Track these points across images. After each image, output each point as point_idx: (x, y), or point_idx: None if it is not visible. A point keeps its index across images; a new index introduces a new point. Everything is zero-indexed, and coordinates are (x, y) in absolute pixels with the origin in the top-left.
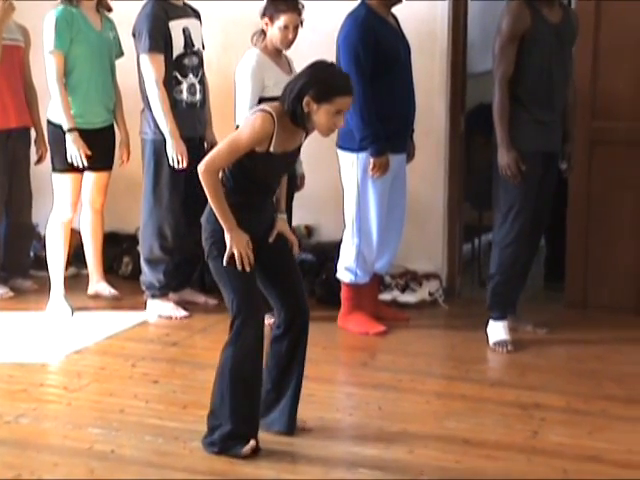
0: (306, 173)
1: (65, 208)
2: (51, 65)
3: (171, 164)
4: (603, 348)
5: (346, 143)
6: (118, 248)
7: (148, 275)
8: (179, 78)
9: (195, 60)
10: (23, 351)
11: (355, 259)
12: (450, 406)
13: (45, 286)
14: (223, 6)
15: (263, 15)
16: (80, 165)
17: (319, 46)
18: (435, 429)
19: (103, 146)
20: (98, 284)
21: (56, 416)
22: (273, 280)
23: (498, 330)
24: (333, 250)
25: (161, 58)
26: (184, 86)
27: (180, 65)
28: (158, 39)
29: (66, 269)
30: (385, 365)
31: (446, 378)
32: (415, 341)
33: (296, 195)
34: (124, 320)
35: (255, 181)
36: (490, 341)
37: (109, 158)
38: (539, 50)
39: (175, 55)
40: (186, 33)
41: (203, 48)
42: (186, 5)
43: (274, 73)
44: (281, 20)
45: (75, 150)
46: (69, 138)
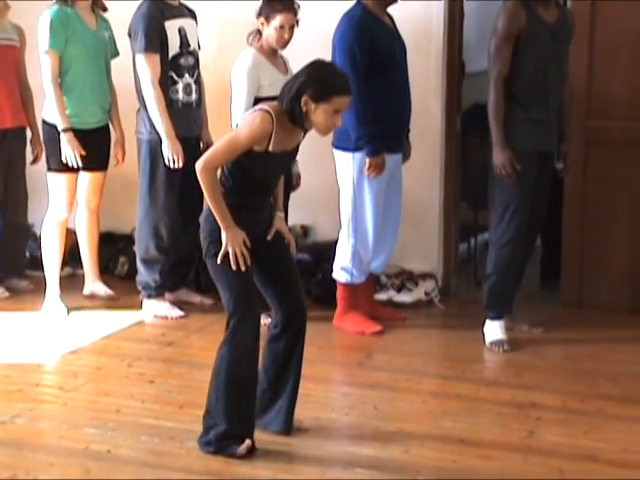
0: (302, 173)
1: (60, 208)
2: (46, 65)
3: (167, 164)
4: (599, 347)
5: (342, 143)
6: (114, 248)
7: (144, 275)
8: (175, 78)
9: (191, 60)
10: (19, 351)
11: (351, 259)
12: (446, 406)
13: (41, 286)
14: (219, 6)
15: (259, 15)
16: (75, 165)
17: (315, 46)
18: (431, 429)
19: (98, 146)
20: (94, 284)
21: (52, 416)
22: (271, 279)
23: (494, 330)
24: (329, 250)
25: (157, 58)
26: (180, 86)
27: (176, 65)
28: (154, 39)
29: (62, 269)
30: (381, 365)
31: (442, 378)
32: (411, 341)
33: (292, 195)
34: (120, 320)
35: (254, 181)
36: (486, 340)
37: (104, 158)
38: (535, 50)
39: (171, 55)
40: (182, 33)
41: (199, 48)
42: (182, 5)
43: (270, 73)
44: (277, 20)
45: (70, 150)
46: (64, 138)
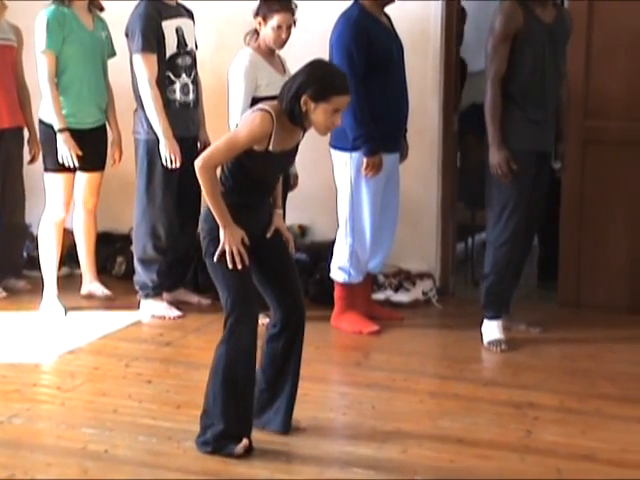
0: (299, 173)
1: (57, 208)
2: (43, 65)
3: (164, 164)
4: (596, 347)
5: (339, 143)
6: (111, 248)
7: (141, 275)
8: (172, 78)
9: (188, 60)
10: (16, 351)
11: (348, 259)
12: (444, 405)
13: (38, 286)
14: (216, 6)
15: (256, 15)
16: (71, 165)
17: (312, 46)
18: (429, 428)
19: (95, 146)
20: (91, 284)
21: (49, 416)
22: (270, 279)
23: (492, 329)
24: (327, 250)
25: (154, 58)
26: (177, 86)
27: (173, 65)
28: (151, 39)
29: (59, 269)
30: (379, 364)
31: (440, 377)
32: (409, 340)
33: (289, 195)
34: (117, 320)
35: (254, 180)
36: (484, 340)
37: (101, 158)
38: (532, 49)
39: (168, 55)
40: (179, 33)
41: (196, 48)
42: (179, 5)
43: (267, 73)
44: (274, 20)
45: (66, 150)
46: (60, 138)
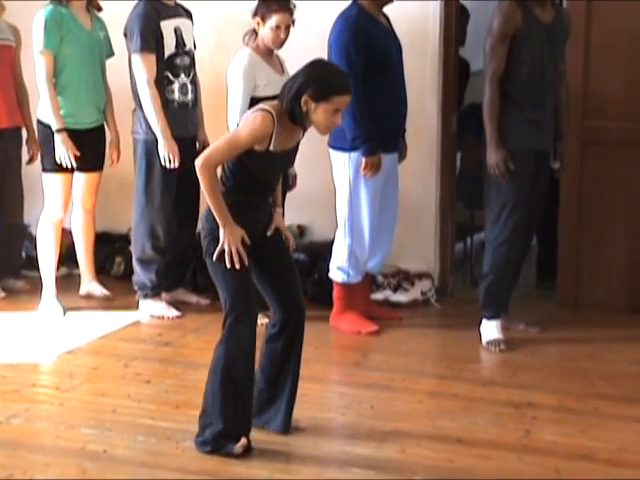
0: (298, 173)
1: (56, 208)
2: (40, 65)
3: (163, 164)
4: (595, 347)
5: (338, 143)
6: (110, 248)
7: (140, 275)
8: (171, 78)
9: (187, 60)
10: (15, 351)
11: (347, 259)
12: (443, 405)
13: (37, 286)
14: (215, 6)
15: (255, 15)
16: (69, 166)
17: (311, 46)
18: (428, 428)
19: (93, 147)
20: (90, 284)
21: (48, 416)
22: (270, 278)
23: (491, 329)
24: (325, 250)
25: (153, 58)
26: (176, 86)
27: (172, 65)
28: (149, 39)
29: (58, 269)
30: (377, 364)
31: (439, 377)
32: (407, 340)
33: (288, 195)
34: (116, 320)
35: (255, 180)
36: (483, 340)
37: (99, 159)
38: (530, 49)
39: (167, 55)
40: (177, 33)
41: (195, 48)
42: (178, 5)
43: (266, 73)
44: (273, 20)
45: (64, 151)
46: (58, 139)
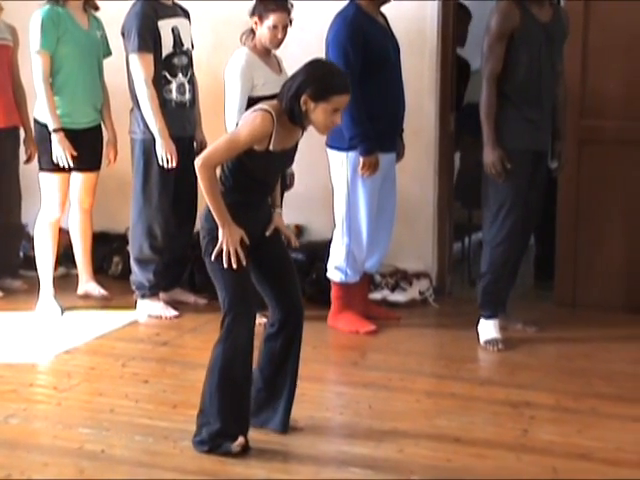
0: (296, 172)
1: (53, 208)
2: (37, 65)
3: (160, 164)
4: (592, 346)
5: (335, 142)
6: (108, 248)
7: (138, 275)
8: (168, 77)
9: (184, 59)
10: (13, 351)
11: (345, 258)
12: (440, 405)
13: (35, 286)
14: (213, 6)
15: (252, 14)
16: (65, 166)
17: (309, 45)
18: (425, 428)
19: (90, 146)
20: (87, 284)
21: (46, 416)
22: (269, 278)
23: (489, 329)
24: (323, 249)
25: (150, 57)
26: (173, 85)
27: (169, 64)
28: (147, 38)
29: (55, 269)
30: (375, 364)
31: (436, 377)
32: (405, 340)
33: (286, 194)
34: (114, 320)
35: (254, 179)
36: (481, 339)
37: (97, 159)
38: (528, 49)
39: (164, 54)
40: (175, 32)
41: (192, 47)
42: (175, 4)
43: (263, 72)
44: (270, 19)
45: (60, 151)
46: (55, 138)
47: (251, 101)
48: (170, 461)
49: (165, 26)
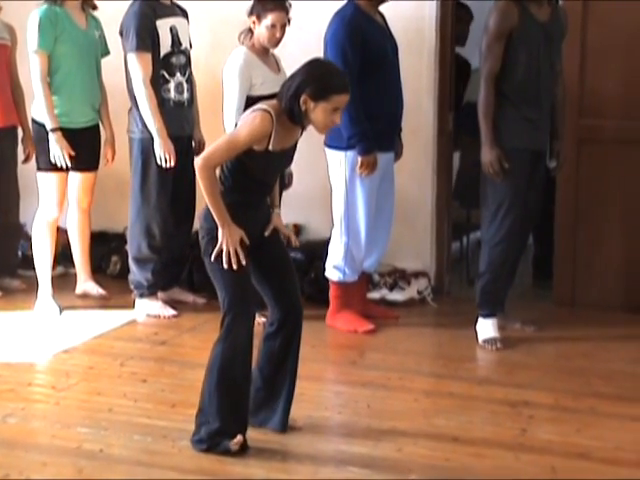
0: (295, 172)
1: (51, 207)
2: (35, 64)
3: (159, 163)
4: (591, 346)
5: (334, 141)
6: (106, 247)
7: (136, 274)
8: (166, 77)
9: (182, 59)
10: (11, 350)
11: (343, 257)
12: (439, 404)
13: (33, 285)
14: (211, 5)
15: (250, 14)
16: (63, 165)
17: (307, 45)
18: (424, 427)
19: (88, 146)
20: (86, 283)
21: (44, 415)
22: (268, 278)
23: (487, 328)
24: (322, 249)
25: (148, 57)
26: (172, 85)
27: (167, 64)
28: (145, 38)
29: (54, 268)
30: (374, 363)
31: (435, 376)
32: (404, 339)
33: (285, 194)
34: (112, 319)
35: (254, 179)
36: (479, 339)
37: (95, 158)
38: (526, 48)
39: (162, 54)
40: (173, 32)
41: (190, 47)
42: (174, 4)
43: (262, 72)
44: (268, 19)
45: (58, 150)
46: (52, 138)
47: (249, 100)
48: (169, 460)
49: (163, 25)
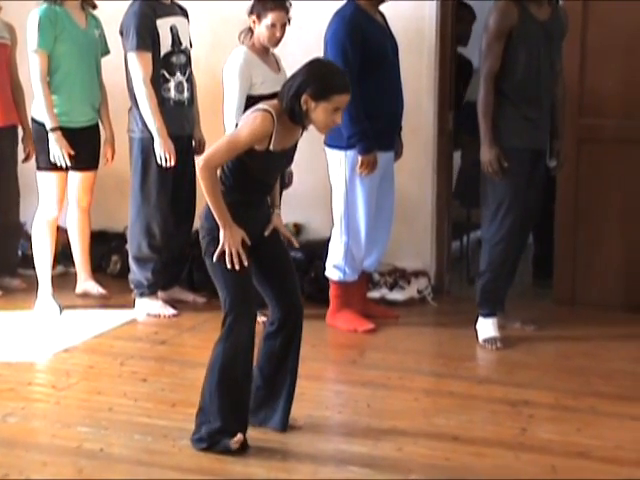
0: (295, 171)
1: (50, 207)
2: (34, 64)
3: (159, 162)
4: (591, 345)
5: (334, 141)
6: (106, 246)
7: (136, 273)
8: (167, 76)
9: (183, 58)
10: (11, 350)
11: (343, 257)
12: (439, 403)
13: (33, 285)
14: (211, 4)
15: (251, 13)
16: (63, 165)
17: (307, 44)
18: (424, 426)
19: (88, 145)
20: (86, 283)
21: (44, 415)
22: (268, 277)
23: (487, 327)
24: (322, 248)
25: (149, 56)
26: (172, 84)
27: (168, 63)
28: (145, 37)
29: (54, 268)
30: (374, 362)
31: (435, 375)
32: (404, 339)
33: (285, 193)
34: (112, 318)
35: (254, 179)
36: (479, 338)
37: (94, 158)
38: (526, 47)
39: (163, 53)
40: (174, 31)
41: (191, 46)
42: (174, 3)
43: (262, 71)
44: (269, 18)
45: (58, 150)
46: (52, 137)
47: (250, 100)
48: (169, 460)
49: (163, 25)
